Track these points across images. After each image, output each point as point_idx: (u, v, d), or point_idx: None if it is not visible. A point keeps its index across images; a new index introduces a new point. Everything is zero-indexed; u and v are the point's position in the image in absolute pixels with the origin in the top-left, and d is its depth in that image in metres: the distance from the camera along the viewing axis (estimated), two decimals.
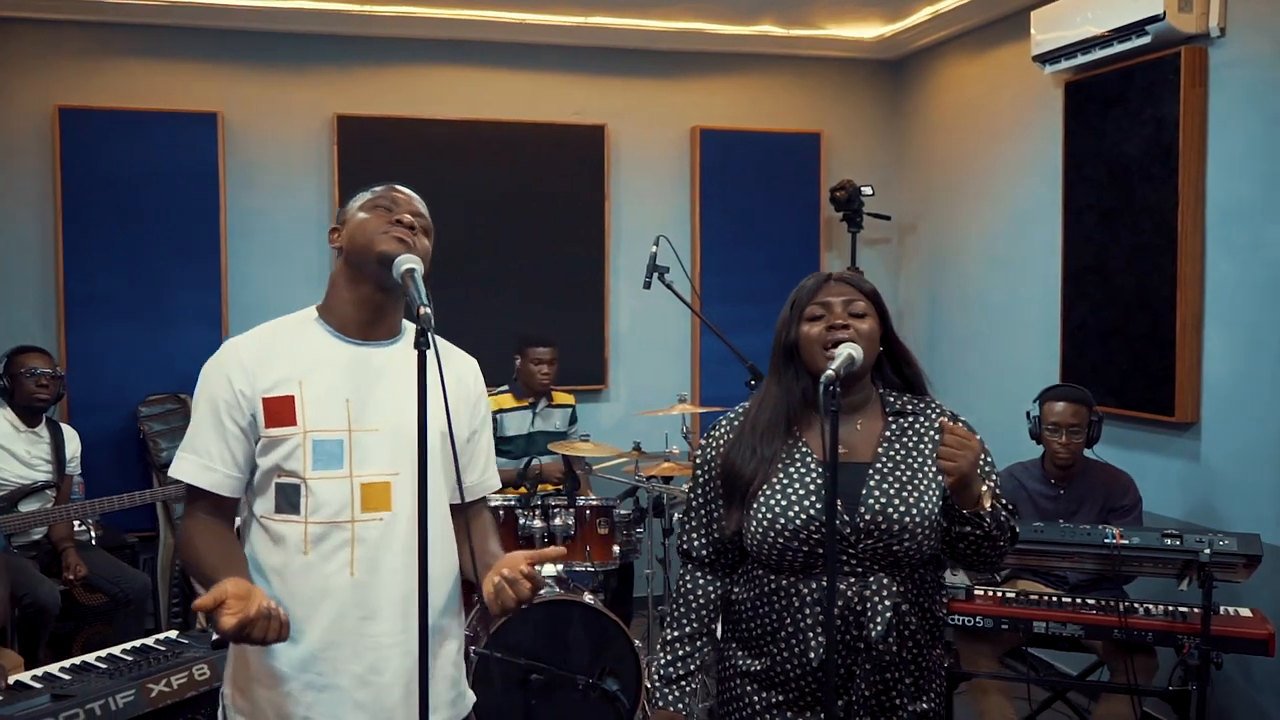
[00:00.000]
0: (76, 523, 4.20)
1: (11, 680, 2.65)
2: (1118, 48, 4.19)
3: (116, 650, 2.85)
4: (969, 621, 3.48)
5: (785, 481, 2.05)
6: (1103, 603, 3.41)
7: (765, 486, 2.06)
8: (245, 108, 5.33)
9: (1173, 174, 4.03)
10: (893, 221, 6.00)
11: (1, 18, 5.02)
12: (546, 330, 5.05)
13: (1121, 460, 4.06)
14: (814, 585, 2.01)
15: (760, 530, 2.04)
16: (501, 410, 4.83)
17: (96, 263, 5.13)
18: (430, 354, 1.95)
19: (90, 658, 2.81)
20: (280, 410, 1.93)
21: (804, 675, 2.03)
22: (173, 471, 1.98)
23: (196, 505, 1.98)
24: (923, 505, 2.02)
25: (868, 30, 5.81)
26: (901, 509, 2.01)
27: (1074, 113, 4.57)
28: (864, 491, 2.03)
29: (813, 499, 2.02)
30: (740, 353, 4.08)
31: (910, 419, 2.14)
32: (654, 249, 4.11)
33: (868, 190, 5.61)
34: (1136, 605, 3.38)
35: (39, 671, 2.73)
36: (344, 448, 1.94)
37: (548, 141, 5.64)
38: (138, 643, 2.92)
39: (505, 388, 4.90)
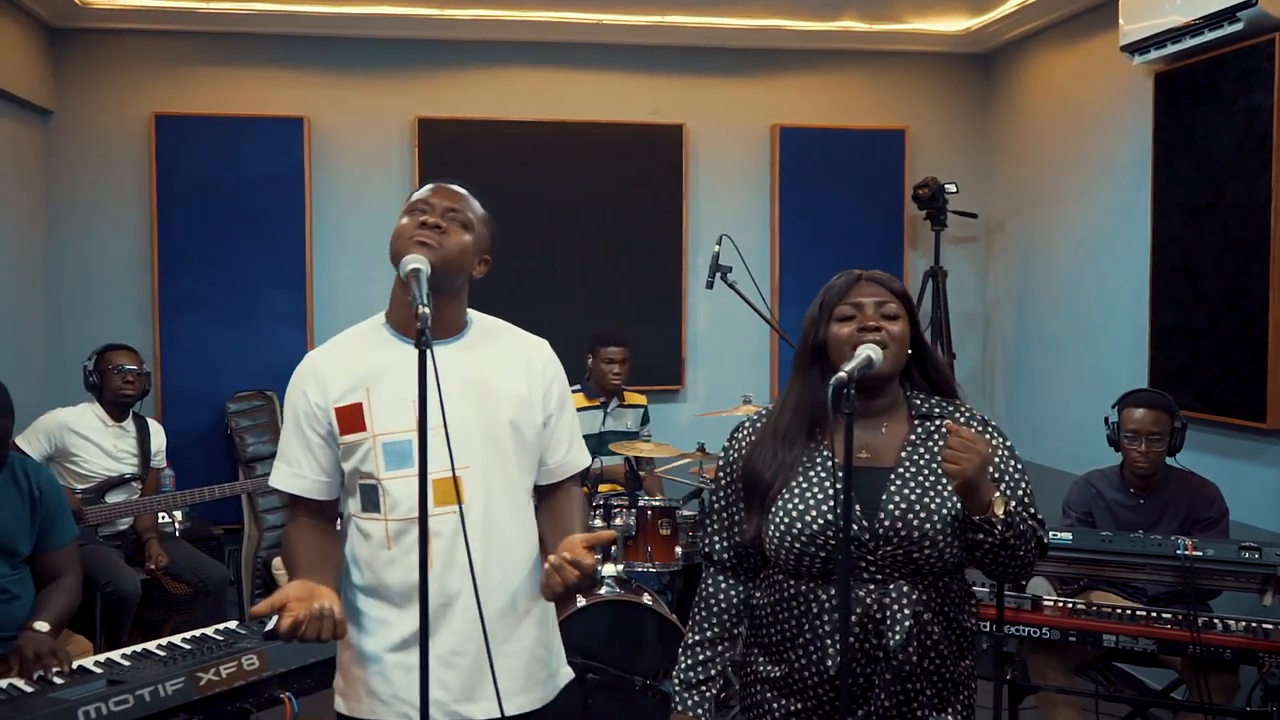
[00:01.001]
0: (162, 515, 4.37)
1: (75, 665, 2.76)
2: (1209, 35, 3.99)
3: (178, 639, 2.94)
4: (1035, 633, 3.36)
5: (804, 486, 2.01)
6: (1179, 617, 3.26)
7: (785, 491, 2.02)
8: (331, 112, 5.47)
9: (1266, 168, 3.82)
10: (980, 220, 5.83)
11: (103, 29, 5.25)
12: (623, 330, 5.06)
13: (1210, 469, 3.87)
14: (833, 591, 1.97)
15: (778, 535, 2.00)
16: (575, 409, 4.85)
17: (188, 264, 5.32)
18: (478, 348, 2.11)
19: (151, 645, 2.90)
20: (351, 417, 2.04)
21: (822, 684, 1.98)
22: (271, 481, 2.13)
23: (295, 510, 2.13)
24: (945, 512, 1.95)
25: (953, 24, 5.67)
26: (922, 515, 1.94)
27: (1164, 105, 4.38)
28: (884, 497, 1.97)
29: (831, 504, 1.97)
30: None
31: (938, 423, 2.07)
32: (716, 248, 4.08)
33: (951, 188, 5.47)
34: (1216, 620, 3.22)
35: (102, 657, 2.83)
36: (413, 447, 2.00)
37: (626, 141, 5.65)
38: (198, 632, 3.00)
39: (577, 387, 4.91)
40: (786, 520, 1.99)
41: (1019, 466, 2.07)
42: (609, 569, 3.96)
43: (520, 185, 5.53)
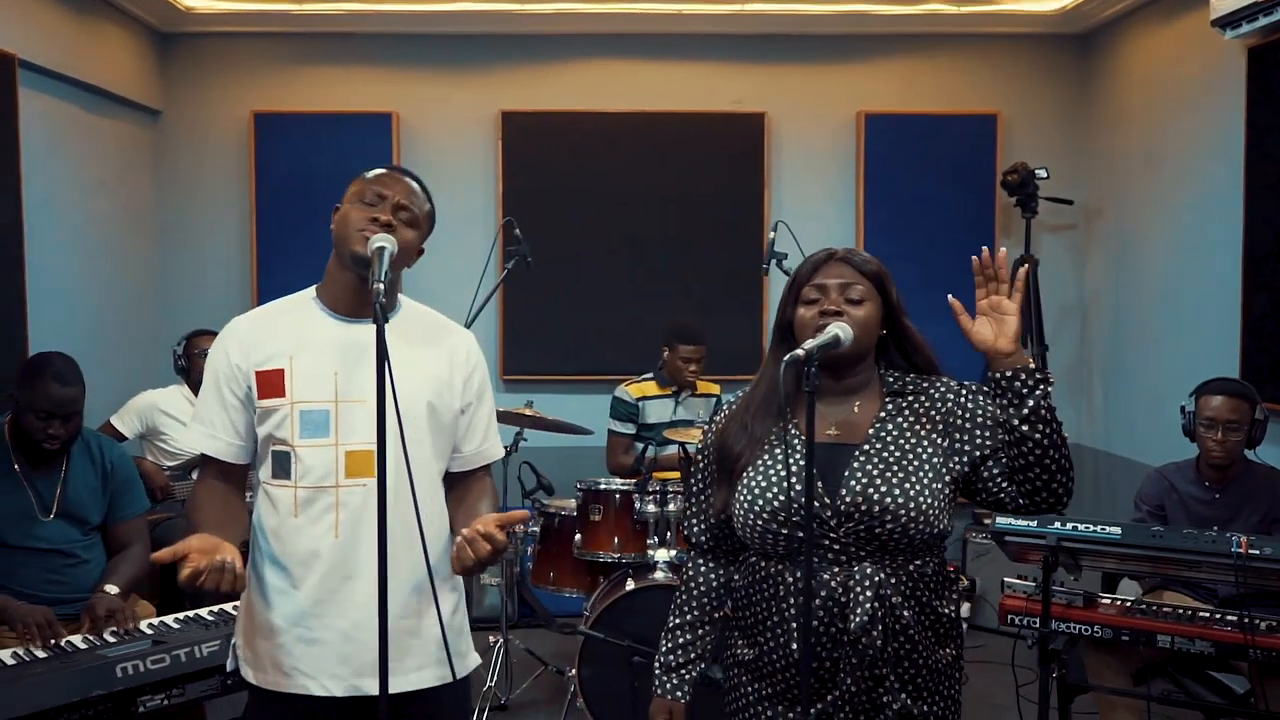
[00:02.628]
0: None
1: (132, 626, 2.94)
2: None
3: (229, 606, 3.09)
4: (1085, 630, 3.24)
5: (769, 462, 2.00)
6: (1245, 619, 3.09)
7: (750, 468, 2.01)
8: (418, 107, 5.63)
9: None
10: (1076, 206, 5.61)
11: (206, 32, 5.53)
12: (702, 321, 5.05)
13: None
14: (799, 573, 1.95)
15: (741, 512, 2.00)
16: (645, 398, 4.87)
17: (283, 256, 5.56)
18: (405, 330, 2.12)
19: (204, 611, 3.07)
20: (271, 382, 2.08)
21: (788, 667, 1.97)
22: (182, 439, 2.18)
23: (206, 470, 2.16)
24: (909, 486, 1.91)
25: (1048, 3, 5.47)
26: (884, 489, 1.91)
27: (1257, 81, 4.14)
28: (846, 473, 1.94)
29: (793, 481, 1.95)
30: None
31: (910, 399, 2.04)
32: (771, 234, 4.05)
33: (1042, 173, 5.28)
34: None
35: (157, 620, 3.01)
36: (330, 418, 2.06)
37: (707, 131, 5.65)
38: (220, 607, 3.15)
39: (649, 375, 4.94)
40: (749, 497, 1.98)
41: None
42: (662, 554, 3.98)
43: (601, 176, 5.59)
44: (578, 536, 4.15)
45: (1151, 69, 5.09)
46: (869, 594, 1.91)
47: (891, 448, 1.96)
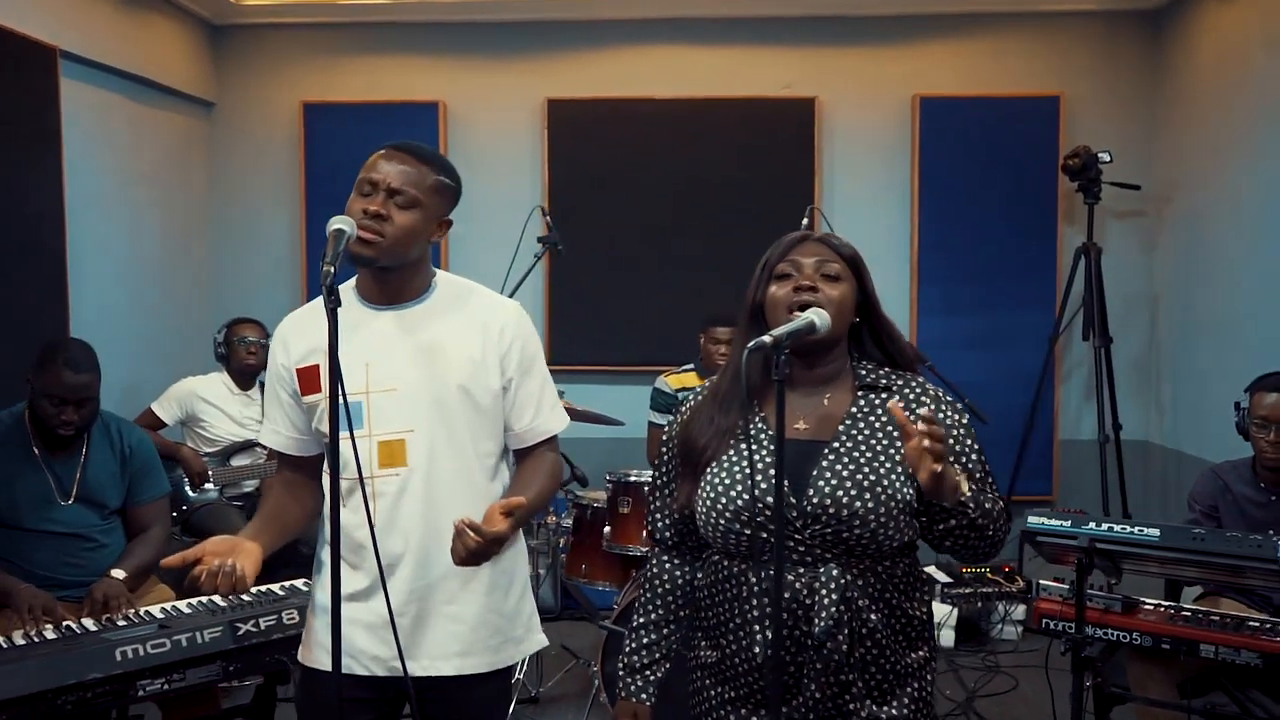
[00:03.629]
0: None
1: (143, 610, 2.95)
2: None
3: (246, 594, 3.10)
4: (1124, 637, 3.07)
5: (735, 457, 1.90)
6: None
7: (714, 463, 1.92)
8: (464, 96, 5.62)
9: None
10: (1144, 192, 5.36)
11: (257, 24, 5.59)
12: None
13: None
14: (764, 574, 1.85)
15: (704, 509, 1.91)
16: (685, 389, 4.78)
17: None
18: (438, 310, 2.11)
19: (217, 597, 3.08)
20: (309, 378, 2.12)
21: (751, 670, 1.88)
22: (259, 437, 2.24)
23: (279, 464, 2.27)
24: (879, 491, 1.80)
25: None
26: (854, 492, 1.80)
27: None
28: (815, 473, 1.84)
29: (760, 477, 1.86)
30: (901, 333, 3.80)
31: (884, 395, 1.92)
32: (805, 220, 3.92)
33: (1105, 156, 5.04)
34: None
35: (169, 605, 3.02)
36: (363, 408, 2.06)
37: (757, 117, 5.52)
38: (264, 587, 3.16)
39: (690, 366, 4.85)
40: (712, 494, 1.89)
41: (979, 445, 1.92)
42: None
43: (647, 164, 5.52)
44: (607, 529, 4.09)
45: (1226, 48, 4.82)
46: (834, 597, 1.81)
47: (863, 447, 1.85)
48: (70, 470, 3.17)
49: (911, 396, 1.92)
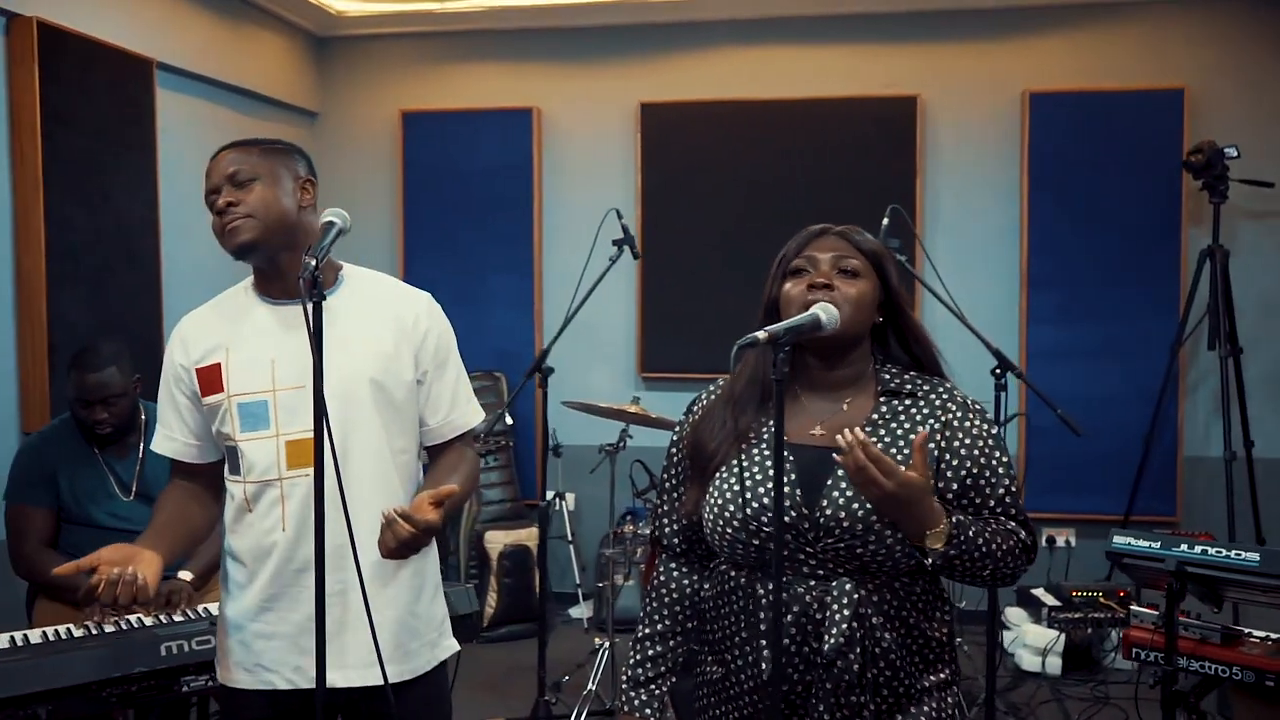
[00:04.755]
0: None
1: (202, 608, 2.99)
2: None
3: None
4: (1223, 671, 2.79)
5: (745, 463, 1.78)
6: None
7: (723, 468, 1.80)
8: (558, 102, 5.61)
9: None
10: (1277, 190, 4.96)
11: (358, 35, 5.71)
12: None
13: None
14: (771, 585, 1.72)
15: (711, 517, 1.79)
16: None
17: (430, 252, 5.66)
18: (346, 304, 2.06)
19: (214, 606, 3.09)
20: (210, 379, 2.04)
21: (756, 689, 1.75)
22: (152, 445, 2.17)
23: (174, 472, 2.17)
24: None
25: None
26: (869, 505, 1.66)
27: None
28: (830, 482, 1.71)
29: (768, 486, 1.74)
30: (984, 337, 3.59)
31: (908, 401, 1.78)
32: (885, 221, 3.75)
33: (1231, 151, 4.68)
34: None
35: (213, 606, 3.04)
36: (268, 408, 1.99)
37: (856, 117, 5.34)
38: None
39: None
40: (720, 501, 1.77)
41: (1007, 461, 1.77)
42: None
43: (743, 167, 5.40)
44: (652, 531, 3.98)
45: None
46: (845, 613, 1.67)
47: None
48: (129, 466, 3.24)
49: (937, 403, 1.78)
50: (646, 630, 1.93)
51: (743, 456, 1.79)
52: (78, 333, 3.71)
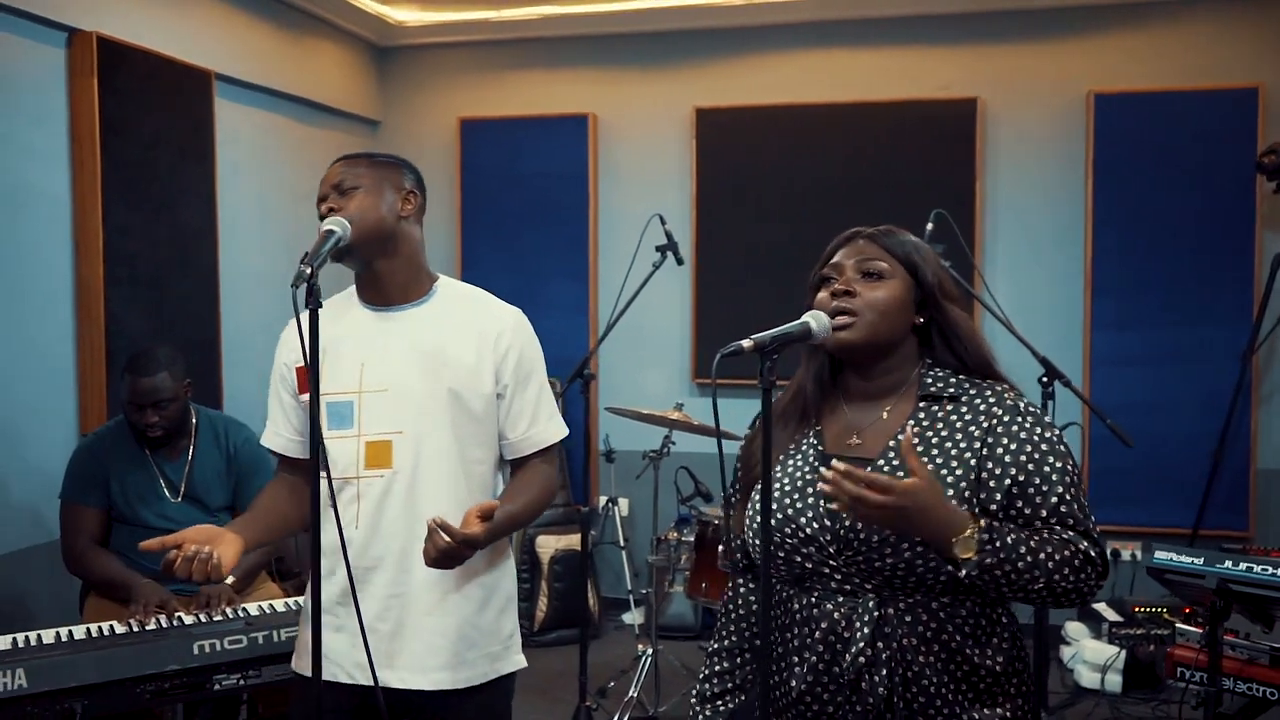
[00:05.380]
0: None
1: (242, 608, 3.05)
2: None
3: None
4: (1270, 693, 2.68)
5: (779, 475, 1.77)
6: None
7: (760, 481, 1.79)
8: (614, 108, 5.62)
9: None
10: None
11: (417, 44, 5.79)
12: None
13: None
14: (806, 600, 1.70)
15: (750, 532, 1.80)
16: None
17: (487, 259, 5.71)
18: (437, 314, 2.12)
19: (303, 598, 3.15)
20: (305, 377, 2.10)
21: (788, 706, 1.72)
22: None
23: (281, 467, 2.27)
24: None
25: None
26: None
27: None
28: None
29: (796, 496, 1.72)
30: (1033, 347, 3.50)
31: (949, 406, 1.71)
32: (929, 226, 3.68)
33: None
34: None
35: (266, 603, 3.11)
36: (353, 408, 2.07)
37: (913, 120, 5.25)
38: None
39: None
40: (752, 514, 1.78)
41: (1063, 466, 1.66)
42: None
43: (798, 172, 5.35)
44: (721, 547, 3.96)
45: None
46: (865, 631, 1.63)
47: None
48: (178, 469, 3.32)
49: (981, 407, 1.69)
50: (715, 646, 1.92)
51: (779, 469, 1.78)
52: (135, 338, 3.82)
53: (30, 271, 3.61)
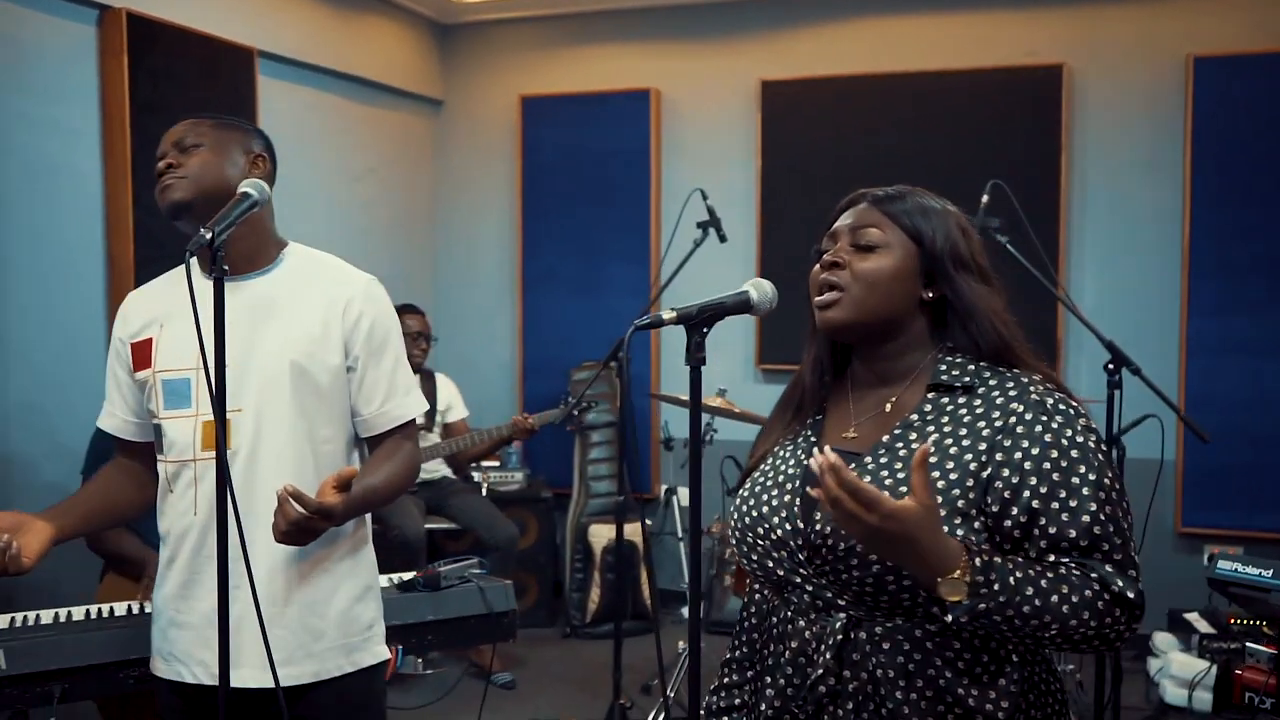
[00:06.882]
0: (474, 471, 4.64)
1: None
2: None
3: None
4: None
5: (766, 469, 1.58)
6: None
7: (749, 477, 1.62)
8: (677, 82, 5.43)
9: None
10: None
11: (479, 21, 5.69)
12: None
13: None
14: (783, 614, 1.50)
15: (732, 530, 1.63)
16: None
17: (547, 239, 5.59)
18: (283, 283, 1.97)
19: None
20: (142, 354, 1.99)
21: None
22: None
23: (117, 450, 2.13)
24: None
25: None
26: None
27: None
28: None
29: (774, 492, 1.52)
30: (1098, 331, 3.19)
31: (962, 397, 1.47)
32: (985, 198, 3.38)
33: None
34: None
35: None
36: (190, 385, 1.92)
37: (993, 89, 4.92)
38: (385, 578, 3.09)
39: None
40: (735, 515, 1.60)
41: (1097, 479, 1.39)
42: None
43: (869, 144, 5.07)
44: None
45: None
46: (828, 656, 1.42)
47: (897, 464, 1.44)
48: None
49: (999, 399, 1.45)
50: (727, 655, 1.73)
51: (765, 464, 1.59)
52: None
53: (61, 251, 3.61)
